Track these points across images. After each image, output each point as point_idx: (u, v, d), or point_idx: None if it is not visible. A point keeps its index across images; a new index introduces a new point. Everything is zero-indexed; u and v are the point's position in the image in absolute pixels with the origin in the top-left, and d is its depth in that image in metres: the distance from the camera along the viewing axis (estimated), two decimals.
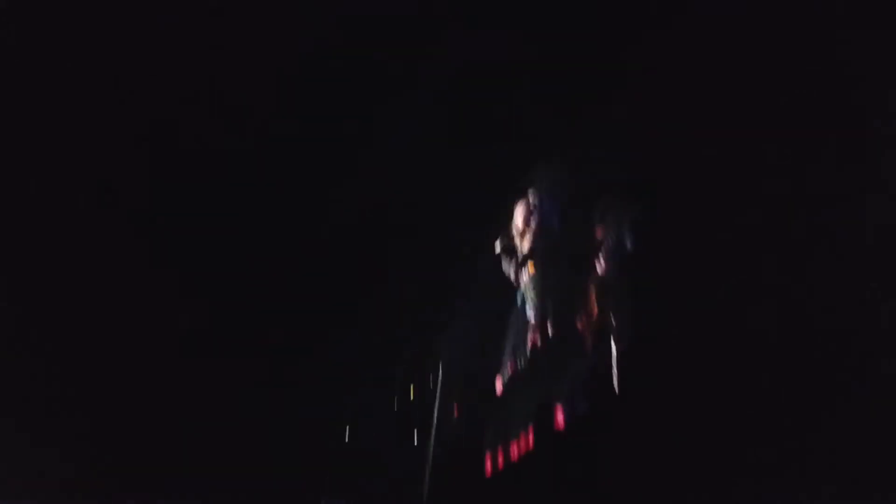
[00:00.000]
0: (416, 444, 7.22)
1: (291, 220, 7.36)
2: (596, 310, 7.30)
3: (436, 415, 7.34)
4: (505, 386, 7.30)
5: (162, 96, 7.07)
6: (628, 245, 7.18)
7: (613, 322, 7.23)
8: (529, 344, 7.36)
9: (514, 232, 7.55)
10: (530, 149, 7.38)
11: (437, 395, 7.38)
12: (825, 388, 6.73)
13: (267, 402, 7.17)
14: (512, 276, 7.50)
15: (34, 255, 6.92)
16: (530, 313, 7.38)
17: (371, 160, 7.52)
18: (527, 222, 7.47)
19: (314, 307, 7.43)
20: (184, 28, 7.03)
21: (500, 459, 7.12)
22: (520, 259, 7.49)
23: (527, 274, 7.46)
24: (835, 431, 6.76)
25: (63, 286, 6.98)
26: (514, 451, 7.06)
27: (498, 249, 7.46)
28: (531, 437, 7.06)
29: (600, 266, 7.32)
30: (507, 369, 7.34)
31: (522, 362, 7.31)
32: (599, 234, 7.39)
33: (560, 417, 7.02)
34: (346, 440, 7.33)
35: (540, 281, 7.38)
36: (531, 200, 7.48)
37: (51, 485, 6.68)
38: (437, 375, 7.41)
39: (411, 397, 7.40)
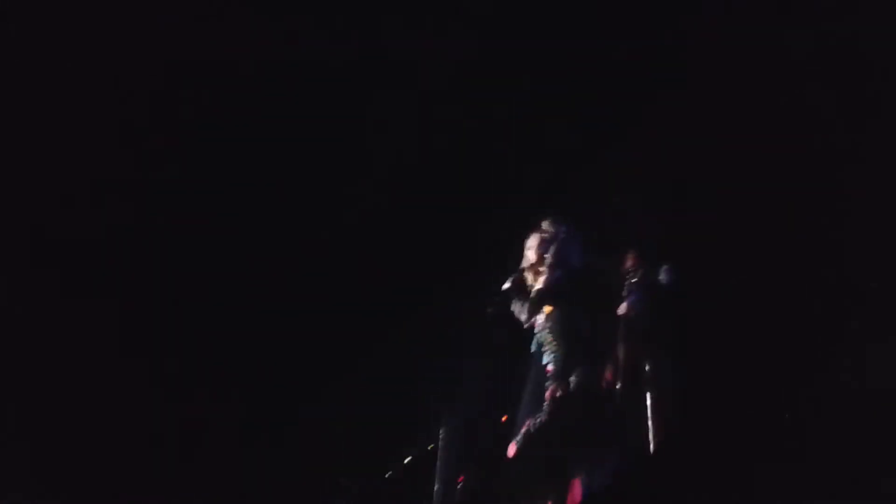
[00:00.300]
0: None
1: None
2: (626, 357, 6.09)
3: (436, 487, 6.17)
4: (518, 449, 6.07)
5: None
6: (662, 279, 6.04)
7: (647, 371, 6.05)
8: (547, 397, 6.15)
9: (526, 267, 6.54)
10: (546, 172, 6.44)
11: (438, 461, 6.21)
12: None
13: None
14: (524, 319, 6.48)
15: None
16: (547, 361, 6.25)
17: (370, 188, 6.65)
18: (541, 255, 6.48)
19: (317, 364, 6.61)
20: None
21: None
22: (534, 298, 6.47)
23: (542, 315, 6.38)
24: None
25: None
26: None
27: (507, 286, 6.44)
28: None
29: (629, 304, 6.16)
30: (520, 428, 6.10)
31: (538, 421, 6.10)
32: (628, 265, 6.31)
33: (577, 494, 5.80)
34: None
35: (558, 323, 6.32)
36: (546, 230, 6.47)
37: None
38: (437, 436, 6.25)
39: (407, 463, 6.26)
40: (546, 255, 6.41)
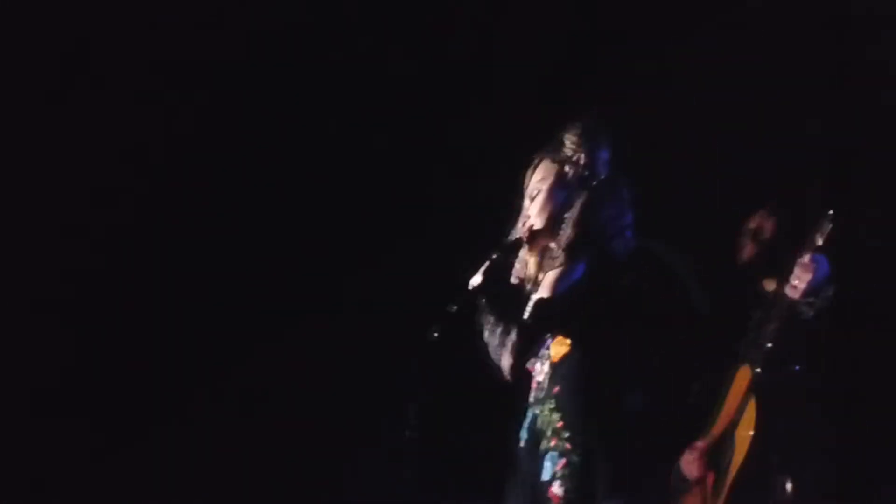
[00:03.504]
0: None
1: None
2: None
3: None
4: None
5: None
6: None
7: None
8: None
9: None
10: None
11: None
12: None
13: None
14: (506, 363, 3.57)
15: None
16: (551, 474, 3.46)
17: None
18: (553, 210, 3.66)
19: None
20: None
21: None
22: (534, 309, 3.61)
23: (546, 362, 3.59)
24: None
25: None
26: None
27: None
28: None
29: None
30: None
31: None
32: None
33: None
34: None
35: (580, 382, 3.49)
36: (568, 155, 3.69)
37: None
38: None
39: None
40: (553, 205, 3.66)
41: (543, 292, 3.59)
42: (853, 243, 4.24)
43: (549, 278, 3.61)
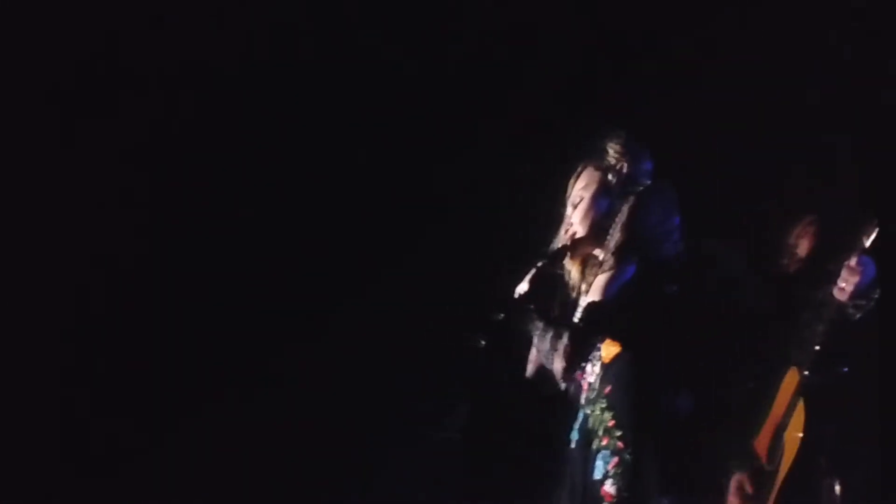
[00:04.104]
0: None
1: None
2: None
3: None
4: None
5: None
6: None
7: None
8: None
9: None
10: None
11: None
12: None
13: None
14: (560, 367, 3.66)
15: None
16: (603, 472, 3.52)
17: None
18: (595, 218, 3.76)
19: None
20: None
21: None
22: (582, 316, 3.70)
23: (596, 362, 3.67)
24: None
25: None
26: None
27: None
28: None
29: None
30: None
31: None
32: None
33: None
34: None
35: (632, 382, 3.56)
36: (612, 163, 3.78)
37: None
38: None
39: None
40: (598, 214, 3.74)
41: (594, 296, 3.66)
42: None
43: (599, 282, 3.69)
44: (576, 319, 3.69)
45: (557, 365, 3.63)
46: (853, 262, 3.88)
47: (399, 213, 6.02)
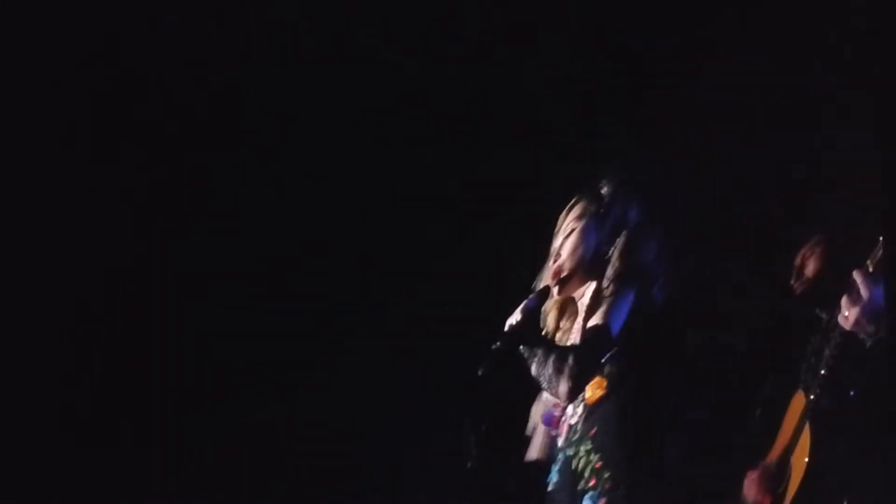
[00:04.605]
0: None
1: None
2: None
3: None
4: None
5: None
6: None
7: None
8: None
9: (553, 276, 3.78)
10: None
11: None
12: None
13: None
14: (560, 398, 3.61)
15: None
16: None
17: None
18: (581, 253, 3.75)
19: None
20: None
21: None
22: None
23: (578, 405, 3.63)
24: None
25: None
26: None
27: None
28: None
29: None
30: None
31: None
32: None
33: None
34: None
35: (615, 425, 3.55)
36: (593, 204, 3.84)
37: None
38: None
39: None
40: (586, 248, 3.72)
41: (597, 320, 3.64)
42: None
43: (603, 307, 3.66)
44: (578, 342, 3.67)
45: (563, 387, 3.54)
46: (853, 290, 3.78)
47: (399, 213, 6.02)
